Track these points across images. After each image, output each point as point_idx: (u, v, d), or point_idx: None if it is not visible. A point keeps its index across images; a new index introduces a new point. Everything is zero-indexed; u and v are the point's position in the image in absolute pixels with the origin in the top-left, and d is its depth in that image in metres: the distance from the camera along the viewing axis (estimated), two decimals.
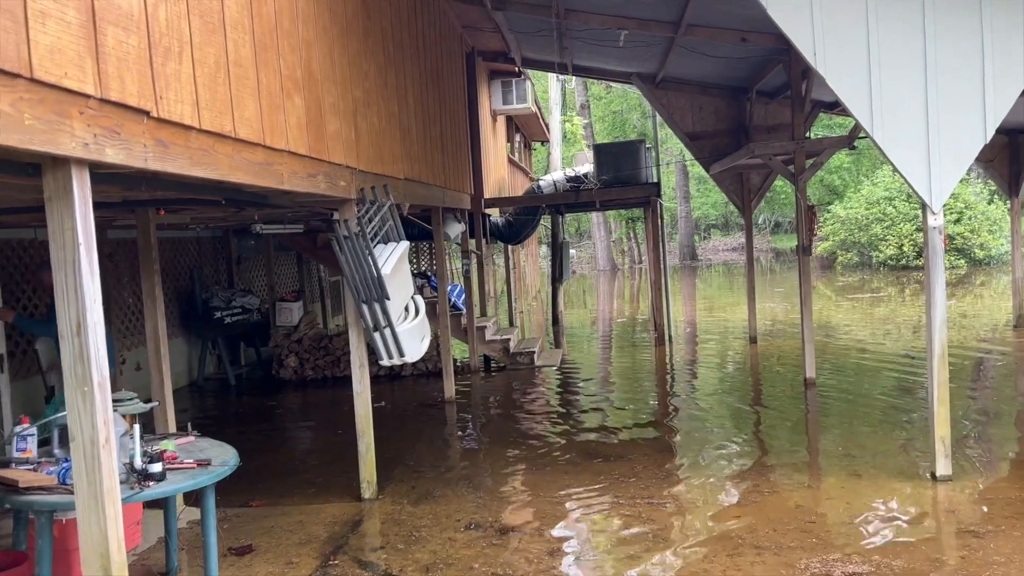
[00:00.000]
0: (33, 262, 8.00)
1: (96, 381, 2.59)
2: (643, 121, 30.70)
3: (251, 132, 3.87)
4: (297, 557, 4.63)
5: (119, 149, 2.76)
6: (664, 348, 11.66)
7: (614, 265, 33.11)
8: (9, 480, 3.51)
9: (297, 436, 8.11)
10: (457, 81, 10.24)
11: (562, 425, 7.64)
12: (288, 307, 11.35)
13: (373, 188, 5.82)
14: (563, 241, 13.81)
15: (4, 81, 2.23)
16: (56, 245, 2.59)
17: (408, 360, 5.75)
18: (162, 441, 4.21)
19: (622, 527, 4.85)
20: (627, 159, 11.88)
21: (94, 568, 2.62)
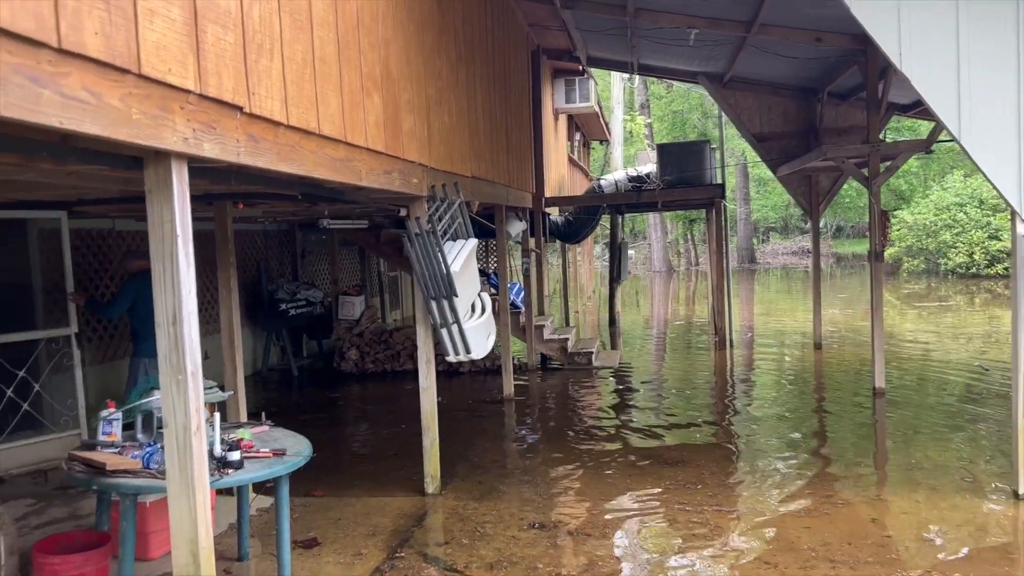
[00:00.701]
0: (112, 251, 8.28)
1: (190, 370, 2.65)
2: (704, 121, 30.31)
3: (333, 129, 3.93)
4: (365, 549, 4.68)
5: (215, 144, 2.83)
6: (725, 352, 11.48)
7: (670, 266, 32.76)
8: (97, 463, 3.62)
9: (358, 428, 8.22)
10: (522, 79, 10.25)
11: (622, 427, 7.58)
12: (350, 301, 11.51)
13: (444, 186, 5.86)
14: (622, 241, 13.71)
15: (115, 76, 2.30)
16: (155, 237, 2.65)
17: (474, 357, 5.78)
18: (239, 430, 4.29)
19: (689, 534, 4.79)
20: (691, 159, 11.73)
21: (183, 553, 2.68)
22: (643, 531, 4.93)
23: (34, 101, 1.98)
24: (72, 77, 2.12)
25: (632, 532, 4.91)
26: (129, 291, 6.91)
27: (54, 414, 7.03)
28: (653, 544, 4.71)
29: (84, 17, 2.15)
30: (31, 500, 5.80)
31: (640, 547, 4.69)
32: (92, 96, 2.19)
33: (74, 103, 2.12)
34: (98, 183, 4.03)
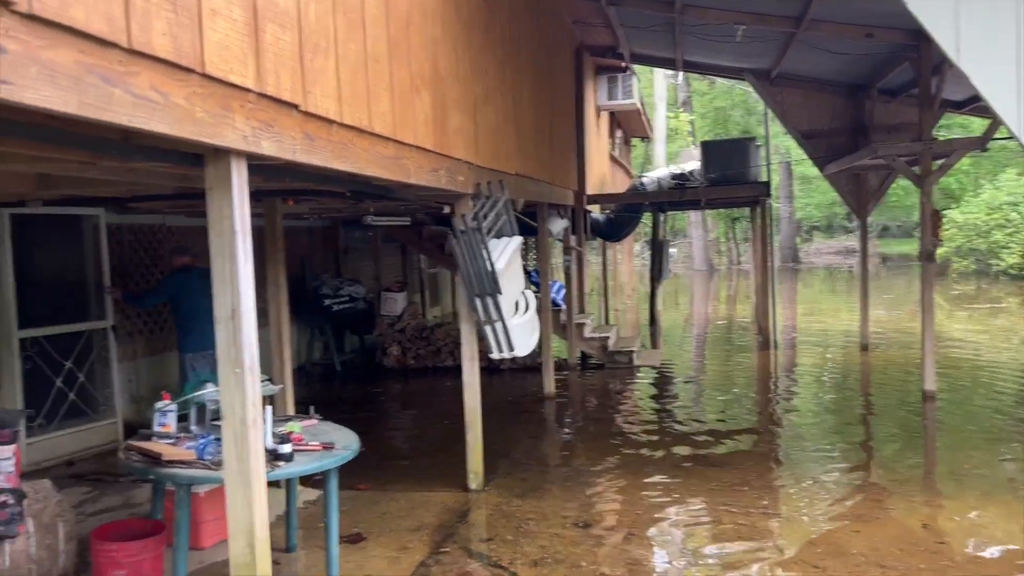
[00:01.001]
0: (162, 246, 8.46)
1: (247, 364, 2.71)
2: (747, 118, 29.93)
3: (384, 127, 3.96)
4: (410, 543, 4.73)
5: (272, 142, 2.87)
6: (769, 353, 11.34)
7: (711, 265, 32.43)
8: (153, 453, 3.71)
9: (401, 423, 8.29)
10: (566, 76, 10.23)
11: (665, 427, 7.53)
12: (392, 297, 11.61)
13: (489, 183, 5.88)
14: (663, 239, 13.61)
15: (180, 76, 2.35)
16: (214, 233, 2.71)
17: (518, 354, 5.79)
18: (288, 423, 4.36)
19: (734, 535, 4.74)
20: (736, 157, 11.60)
21: (240, 543, 2.73)
22: (687, 532, 4.89)
23: (106, 100, 2.03)
24: (141, 77, 2.17)
25: (676, 533, 4.88)
26: (168, 285, 7.09)
27: (95, 403, 7.26)
28: (698, 545, 4.68)
29: (152, 18, 2.21)
30: (86, 488, 5.97)
31: (685, 548, 4.66)
32: (159, 95, 2.24)
33: (143, 102, 2.18)
34: (155, 179, 4.12)
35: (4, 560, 4.00)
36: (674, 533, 4.87)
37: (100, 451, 7.07)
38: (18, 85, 1.76)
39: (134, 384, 7.96)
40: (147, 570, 3.74)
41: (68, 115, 1.93)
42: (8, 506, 3.93)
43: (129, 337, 7.93)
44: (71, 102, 1.91)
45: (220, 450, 3.70)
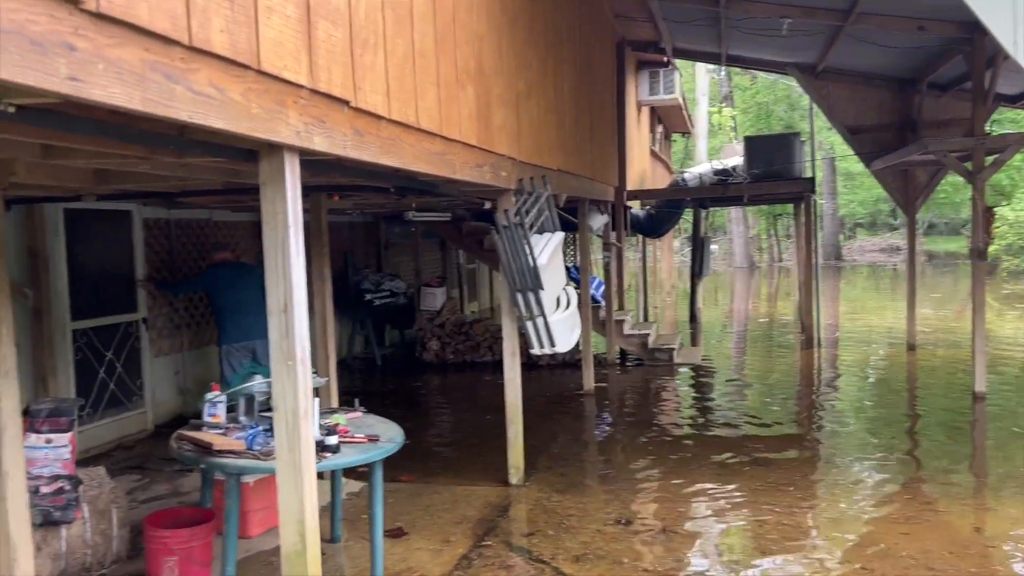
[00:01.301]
0: (208, 239, 8.62)
1: (299, 356, 2.75)
2: (789, 113, 29.47)
3: (431, 122, 3.99)
4: (452, 536, 4.76)
5: (324, 137, 2.91)
6: (812, 352, 11.17)
7: (752, 262, 32.03)
8: (204, 442, 3.79)
9: (440, 417, 8.34)
10: (607, 71, 10.18)
11: (706, 425, 7.47)
12: (432, 292, 11.68)
13: (532, 179, 5.88)
14: (705, 236, 13.49)
15: (237, 72, 2.40)
16: (268, 227, 2.75)
17: (559, 350, 5.78)
18: (334, 415, 4.42)
19: (778, 535, 4.69)
20: (780, 152, 11.43)
21: (291, 533, 2.78)
22: (730, 531, 4.85)
23: (168, 96, 2.08)
24: (200, 73, 2.22)
25: (719, 532, 4.84)
26: (205, 278, 7.26)
27: (130, 393, 7.45)
28: (741, 544, 4.64)
29: (212, 15, 2.25)
30: (136, 476, 6.12)
31: (727, 547, 4.62)
32: (217, 91, 2.29)
33: (202, 98, 2.22)
34: (204, 175, 4.20)
35: (61, 544, 4.12)
36: (717, 532, 4.83)
37: (134, 440, 7.25)
38: (87, 82, 1.81)
39: (181, 376, 8.13)
40: (197, 557, 3.83)
41: (132, 111, 1.98)
42: (65, 492, 4.05)
43: (176, 330, 8.10)
44: (135, 98, 1.96)
45: (268, 440, 3.78)
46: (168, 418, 7.81)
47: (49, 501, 4.05)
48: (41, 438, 4.13)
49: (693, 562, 4.38)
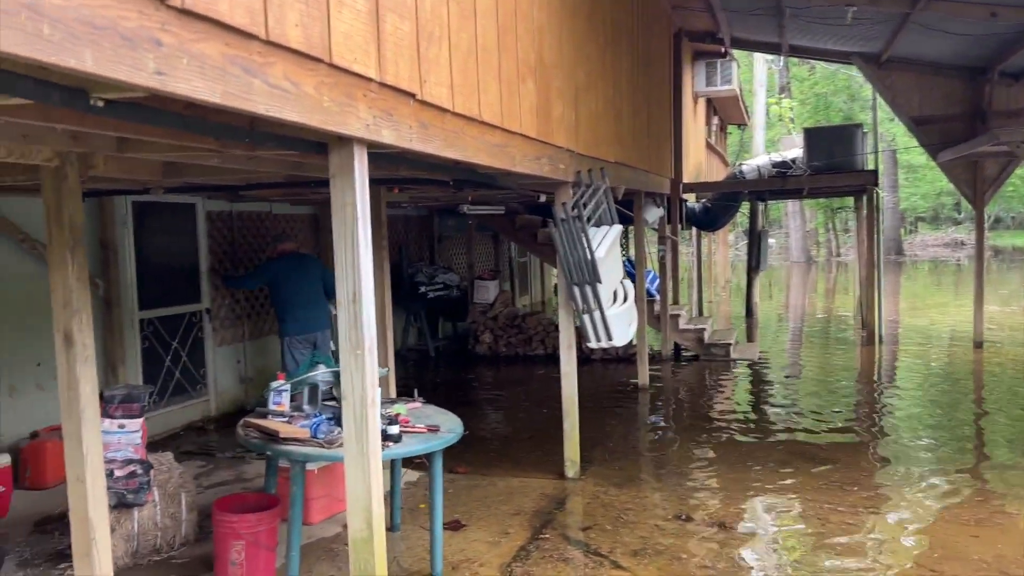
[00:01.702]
0: (268, 232, 8.80)
1: (367, 346, 2.78)
2: (849, 104, 28.74)
3: (492, 115, 4.00)
4: (509, 528, 4.78)
5: (391, 130, 2.94)
6: (873, 348, 10.91)
7: (809, 257, 31.39)
8: (271, 430, 3.87)
9: (494, 410, 8.36)
10: (664, 62, 10.06)
11: (764, 422, 7.36)
12: (485, 285, 11.74)
13: (590, 171, 5.85)
14: (762, 229, 13.26)
15: (309, 66, 2.43)
16: (337, 219, 2.79)
17: (616, 344, 5.76)
18: (395, 405, 4.47)
19: (842, 535, 4.59)
20: (841, 144, 11.16)
21: (358, 520, 2.82)
22: (792, 531, 4.77)
23: (246, 90, 2.12)
24: (276, 67, 2.26)
25: (779, 530, 4.76)
26: (268, 270, 7.38)
27: (194, 381, 7.66)
28: (803, 544, 4.56)
29: (287, 10, 2.29)
30: (201, 462, 6.28)
31: (788, 546, 4.54)
32: (292, 85, 2.32)
33: (277, 91, 2.26)
34: (269, 168, 4.28)
35: (134, 526, 4.26)
36: (778, 531, 4.76)
37: (198, 428, 7.45)
38: (171, 76, 1.86)
39: (242, 365, 8.32)
40: (264, 541, 3.92)
41: (213, 104, 2.03)
42: (137, 475, 4.18)
43: (237, 320, 8.29)
44: (217, 91, 2.00)
45: (332, 429, 3.85)
46: (230, 407, 8.01)
47: (122, 484, 4.19)
48: (115, 423, 4.28)
49: (753, 561, 4.32)
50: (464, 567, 4.24)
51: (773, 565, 4.25)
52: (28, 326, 6.04)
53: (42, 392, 6.14)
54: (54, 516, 5.04)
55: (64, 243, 3.11)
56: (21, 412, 5.99)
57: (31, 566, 4.36)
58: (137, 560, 4.32)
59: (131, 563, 4.29)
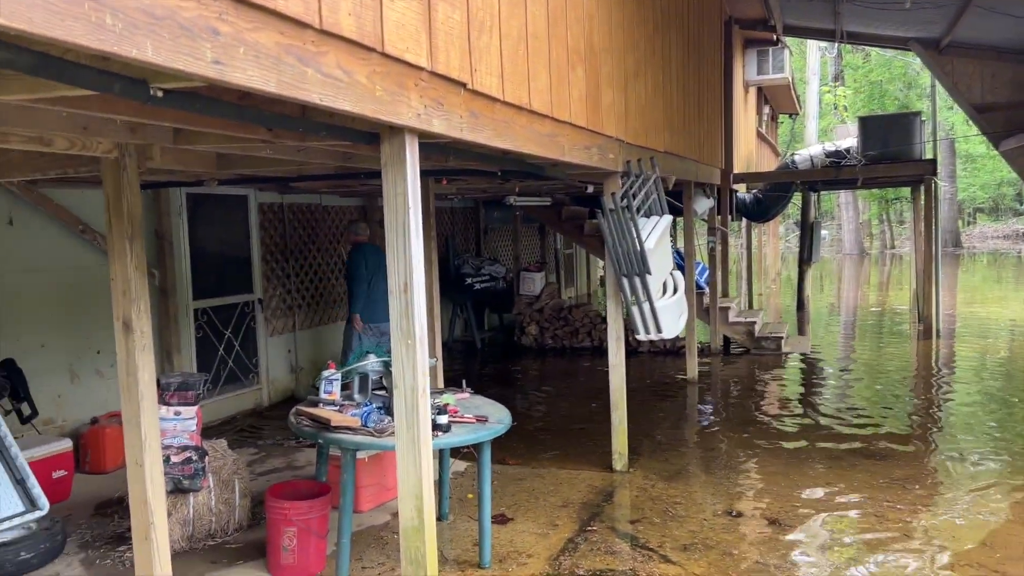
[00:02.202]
0: (318, 224, 8.90)
1: (418, 335, 2.79)
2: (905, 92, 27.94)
3: (542, 104, 3.96)
4: (557, 520, 4.77)
5: (442, 119, 2.93)
6: (930, 342, 10.61)
7: (862, 249, 30.67)
8: (323, 419, 3.91)
9: (541, 401, 8.35)
10: (714, 50, 9.89)
11: (817, 417, 7.20)
12: (531, 277, 11.71)
13: (640, 161, 5.78)
14: (815, 221, 12.97)
15: (362, 55, 2.43)
16: (388, 209, 2.80)
17: (665, 336, 5.68)
18: (443, 395, 4.49)
19: (900, 533, 4.47)
20: (898, 133, 10.85)
21: (409, 507, 2.83)
22: (848, 528, 4.66)
23: (300, 79, 2.13)
24: (329, 56, 2.26)
25: (834, 527, 4.66)
26: (361, 264, 7.32)
27: (247, 370, 7.79)
28: (858, 542, 4.45)
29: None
30: (253, 449, 6.40)
31: (843, 544, 4.44)
32: (345, 74, 2.33)
33: (330, 80, 2.27)
34: (319, 159, 4.31)
35: (189, 511, 4.35)
36: (833, 529, 4.65)
37: (250, 416, 7.59)
38: (228, 66, 1.87)
39: (293, 355, 8.45)
40: (315, 528, 3.96)
41: (268, 93, 2.04)
42: (193, 461, 4.26)
43: (288, 310, 8.41)
44: (271, 81, 2.01)
45: (382, 418, 3.87)
46: (282, 396, 8.15)
47: (178, 470, 4.28)
48: (170, 410, 4.37)
49: (806, 558, 4.23)
50: (512, 558, 4.24)
51: (828, 563, 4.16)
52: (88, 314, 6.21)
53: (101, 379, 6.31)
54: (113, 500, 5.19)
55: (123, 233, 3.18)
56: (81, 398, 6.17)
57: (92, 548, 4.49)
58: (193, 544, 4.42)
59: (187, 547, 4.38)
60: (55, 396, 5.97)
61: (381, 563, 4.19)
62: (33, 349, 5.79)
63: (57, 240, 6.04)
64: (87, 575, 4.15)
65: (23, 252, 5.79)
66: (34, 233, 5.88)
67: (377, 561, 4.22)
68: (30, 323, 5.82)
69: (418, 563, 2.85)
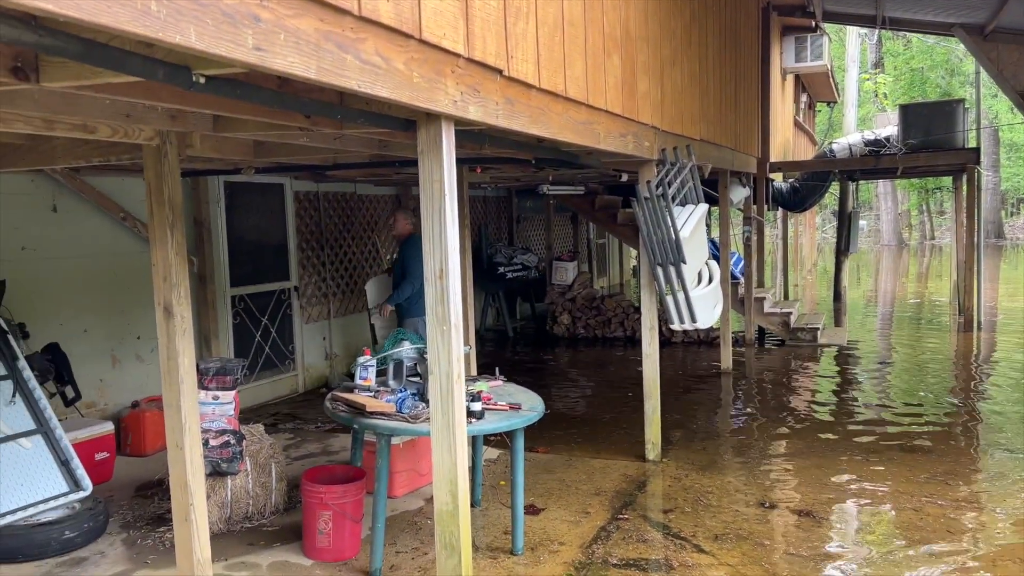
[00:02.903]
0: (353, 212, 8.97)
1: (453, 321, 2.80)
2: (948, 79, 27.31)
3: (578, 91, 3.94)
4: (590, 508, 4.77)
5: (478, 106, 2.93)
6: (971, 335, 10.39)
7: (901, 240, 30.12)
8: (358, 404, 3.95)
9: (573, 391, 8.34)
10: (751, 37, 9.75)
11: (853, 409, 7.11)
12: (564, 266, 11.69)
13: (675, 149, 5.73)
14: (852, 210, 12.76)
15: (400, 42, 2.44)
16: (425, 195, 2.81)
17: (700, 326, 5.64)
18: (477, 382, 4.51)
19: (941, 528, 4.40)
20: (940, 121, 10.61)
21: (443, 492, 2.85)
22: (881, 520, 4.60)
23: (340, 66, 2.14)
24: (367, 43, 2.27)
25: (869, 520, 4.60)
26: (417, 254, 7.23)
27: (283, 356, 7.89)
28: (895, 536, 4.38)
29: None
30: (289, 435, 6.49)
31: (880, 538, 4.38)
32: (383, 60, 2.34)
33: (368, 67, 2.28)
34: (356, 147, 4.34)
35: (227, 493, 4.43)
36: (868, 522, 4.60)
37: (286, 401, 7.69)
38: (269, 52, 1.89)
39: (327, 342, 8.54)
40: (350, 512, 4.01)
41: (308, 80, 2.05)
42: (231, 445, 4.34)
43: (323, 298, 8.50)
44: (311, 67, 2.03)
45: (416, 404, 3.90)
46: (316, 383, 8.25)
47: (217, 453, 4.36)
48: (209, 395, 4.45)
49: (840, 551, 4.19)
50: (544, 546, 4.25)
51: (862, 557, 4.11)
52: (128, 301, 6.33)
53: (141, 364, 6.44)
54: (153, 482, 5.30)
55: (164, 220, 3.23)
56: (122, 383, 6.30)
57: (133, 528, 4.60)
58: (230, 526, 4.50)
59: (225, 529, 4.47)
60: (97, 380, 6.10)
61: (415, 548, 4.23)
62: (76, 334, 5.93)
63: (99, 227, 6.17)
64: (129, 554, 4.25)
65: (67, 238, 5.92)
66: (77, 220, 6.00)
67: (411, 546, 4.26)
68: (73, 308, 5.95)
69: (452, 547, 2.87)
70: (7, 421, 4.47)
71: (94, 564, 4.14)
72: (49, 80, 2.12)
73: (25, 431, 4.53)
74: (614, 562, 4.04)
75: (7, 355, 4.67)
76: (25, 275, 5.56)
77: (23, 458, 4.42)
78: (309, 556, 4.11)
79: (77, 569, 4.09)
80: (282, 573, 3.98)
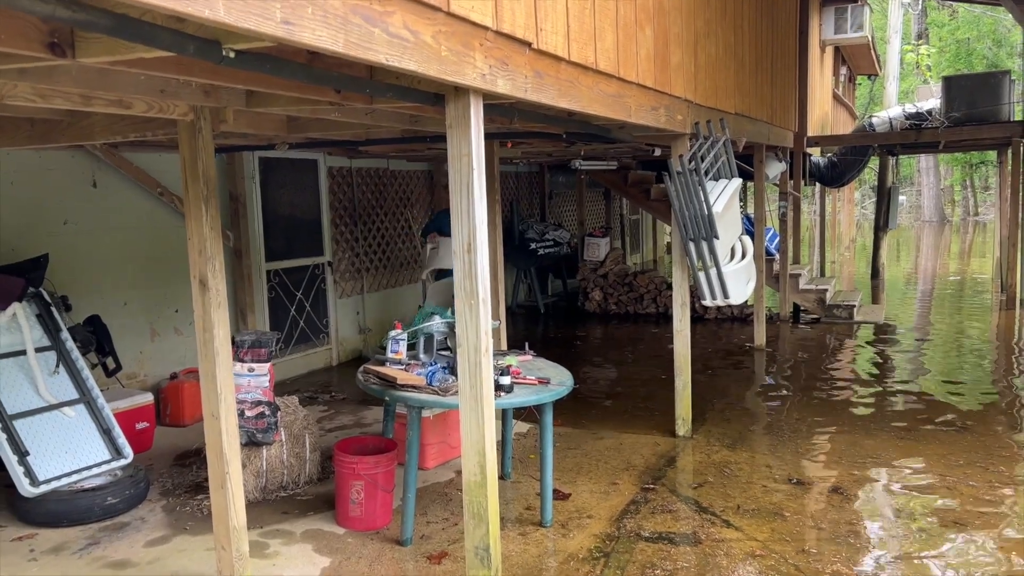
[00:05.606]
0: (386, 188, 9.01)
1: (481, 296, 2.82)
2: (995, 51, 26.47)
3: (608, 64, 3.91)
4: (618, 481, 4.79)
5: (507, 80, 2.92)
6: (1013, 313, 10.16)
7: (943, 216, 29.45)
8: (389, 377, 4.01)
9: (605, 367, 8.35)
10: (789, 8, 9.55)
11: (889, 388, 7.02)
12: (596, 242, 11.64)
13: (709, 123, 5.65)
14: (892, 185, 12.50)
15: (428, 15, 2.44)
16: (453, 169, 2.81)
17: (733, 302, 5.60)
18: (506, 357, 4.53)
19: (977, 509, 4.35)
20: (985, 93, 10.31)
21: (472, 463, 2.89)
22: (914, 499, 4.55)
23: (367, 39, 2.15)
24: (395, 16, 2.27)
25: (901, 499, 4.55)
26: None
27: (317, 330, 8.00)
28: (927, 514, 4.34)
29: None
30: (323, 407, 6.59)
31: (914, 516, 4.34)
32: (411, 34, 2.34)
33: (396, 41, 2.28)
34: (386, 122, 4.35)
35: (262, 463, 4.53)
36: (901, 501, 4.55)
37: (320, 374, 7.81)
38: (298, 26, 1.90)
39: (361, 316, 8.64)
40: (382, 482, 4.08)
41: (336, 54, 2.07)
42: (266, 416, 4.42)
43: (357, 273, 8.59)
44: (339, 41, 2.04)
45: (446, 377, 3.94)
46: (350, 357, 8.36)
47: (252, 424, 4.46)
48: (244, 367, 4.54)
49: (874, 529, 4.16)
50: (573, 519, 4.29)
51: (897, 535, 4.08)
52: (166, 274, 6.46)
53: (180, 336, 6.58)
54: (191, 451, 5.44)
55: (199, 194, 3.28)
56: (162, 354, 6.45)
57: (172, 495, 4.73)
58: (266, 495, 4.60)
59: (260, 498, 4.57)
60: (137, 352, 6.25)
61: (445, 518, 4.30)
62: (116, 307, 6.07)
63: (137, 202, 6.28)
64: (168, 520, 4.38)
65: (106, 213, 6.05)
66: (116, 195, 6.12)
67: (441, 516, 4.32)
68: (113, 281, 6.09)
69: (480, 517, 2.92)
70: (51, 390, 4.61)
71: (135, 529, 4.28)
72: (85, 55, 2.16)
73: (69, 400, 4.67)
74: (644, 535, 4.06)
75: (51, 327, 4.81)
76: (66, 249, 5.70)
77: (67, 426, 4.56)
78: (342, 525, 4.20)
79: (119, 533, 4.23)
80: (315, 541, 4.07)
